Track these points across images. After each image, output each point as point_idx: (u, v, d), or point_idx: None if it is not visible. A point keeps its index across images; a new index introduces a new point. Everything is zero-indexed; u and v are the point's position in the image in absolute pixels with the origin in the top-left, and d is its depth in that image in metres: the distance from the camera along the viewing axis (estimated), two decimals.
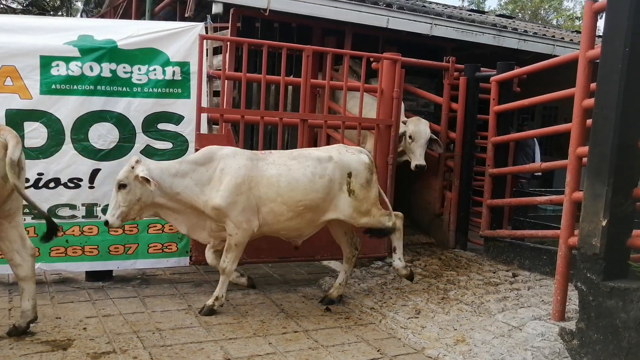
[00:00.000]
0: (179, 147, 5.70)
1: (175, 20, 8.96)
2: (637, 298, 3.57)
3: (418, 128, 6.94)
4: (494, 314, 4.98)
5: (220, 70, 6.01)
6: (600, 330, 3.80)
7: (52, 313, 4.83)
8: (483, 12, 15.73)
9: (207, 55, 6.18)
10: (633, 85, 3.82)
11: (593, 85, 4.31)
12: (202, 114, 5.59)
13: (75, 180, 5.41)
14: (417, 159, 6.90)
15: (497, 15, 14.92)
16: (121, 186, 4.64)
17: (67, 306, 5.01)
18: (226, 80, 5.93)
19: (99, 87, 5.41)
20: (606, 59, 3.96)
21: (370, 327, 4.90)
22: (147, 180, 4.52)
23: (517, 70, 6.89)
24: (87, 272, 5.72)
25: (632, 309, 3.59)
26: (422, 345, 4.42)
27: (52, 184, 5.34)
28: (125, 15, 11.10)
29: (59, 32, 5.43)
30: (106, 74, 5.41)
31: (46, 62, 5.24)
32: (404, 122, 6.99)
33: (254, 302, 5.39)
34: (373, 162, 5.38)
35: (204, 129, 5.71)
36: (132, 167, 4.62)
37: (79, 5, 20.67)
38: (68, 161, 5.36)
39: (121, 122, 5.49)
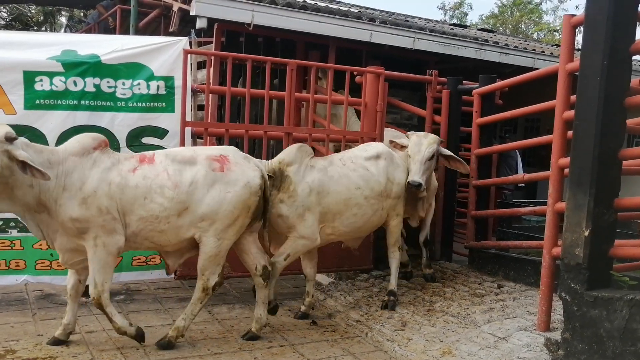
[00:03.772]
0: None
1: (160, 35, 8.98)
2: (621, 307, 3.60)
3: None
4: (480, 325, 5.00)
5: (204, 84, 6.02)
6: (585, 340, 3.82)
7: (34, 330, 4.77)
8: (465, 26, 15.91)
9: (191, 70, 6.19)
10: (612, 97, 3.88)
11: (573, 97, 4.37)
12: (186, 128, 5.59)
13: None
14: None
15: (478, 29, 15.09)
16: None
17: (49, 323, 4.94)
18: (210, 94, 5.94)
19: (83, 102, 5.39)
20: (585, 72, 4.03)
21: (357, 340, 4.89)
22: None
23: (499, 83, 6.96)
24: None
25: (616, 319, 3.62)
26: (409, 358, 4.43)
27: None
28: (110, 30, 11.09)
29: (43, 47, 5.41)
30: (90, 88, 5.40)
31: (30, 77, 5.22)
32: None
33: (239, 316, 5.37)
34: None
35: (188, 143, 5.70)
36: None
37: (63, 20, 20.62)
38: None
39: (105, 136, 5.45)
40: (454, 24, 16.21)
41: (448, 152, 5.99)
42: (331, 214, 5.12)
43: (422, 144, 5.74)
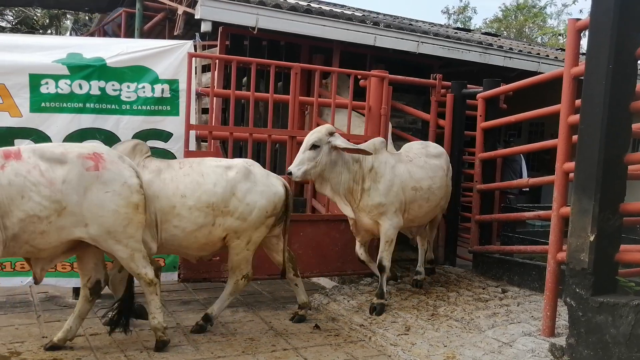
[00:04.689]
0: None
1: (165, 38, 9.00)
2: (626, 313, 3.58)
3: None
4: (484, 330, 4.98)
5: (208, 87, 6.03)
6: (590, 346, 3.80)
7: (39, 332, 4.77)
8: (469, 30, 15.90)
9: (195, 73, 6.20)
10: (617, 101, 3.87)
11: (578, 101, 4.36)
12: (190, 131, 5.61)
13: None
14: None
15: (482, 34, 15.09)
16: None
17: (53, 325, 4.94)
18: (215, 98, 5.95)
19: (88, 105, 5.41)
20: (590, 76, 4.02)
21: (360, 344, 4.88)
22: None
23: (504, 87, 6.96)
24: (75, 290, 5.66)
25: (622, 324, 3.60)
26: None
27: None
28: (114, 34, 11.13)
29: (48, 50, 5.43)
30: (95, 91, 5.42)
31: (35, 80, 5.24)
32: None
33: (242, 319, 5.36)
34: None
35: (192, 146, 5.72)
36: None
37: (68, 23, 20.71)
38: None
39: (110, 139, 5.47)
40: (458, 28, 16.20)
41: (344, 145, 5.29)
42: (159, 221, 4.62)
43: (309, 134, 5.31)
